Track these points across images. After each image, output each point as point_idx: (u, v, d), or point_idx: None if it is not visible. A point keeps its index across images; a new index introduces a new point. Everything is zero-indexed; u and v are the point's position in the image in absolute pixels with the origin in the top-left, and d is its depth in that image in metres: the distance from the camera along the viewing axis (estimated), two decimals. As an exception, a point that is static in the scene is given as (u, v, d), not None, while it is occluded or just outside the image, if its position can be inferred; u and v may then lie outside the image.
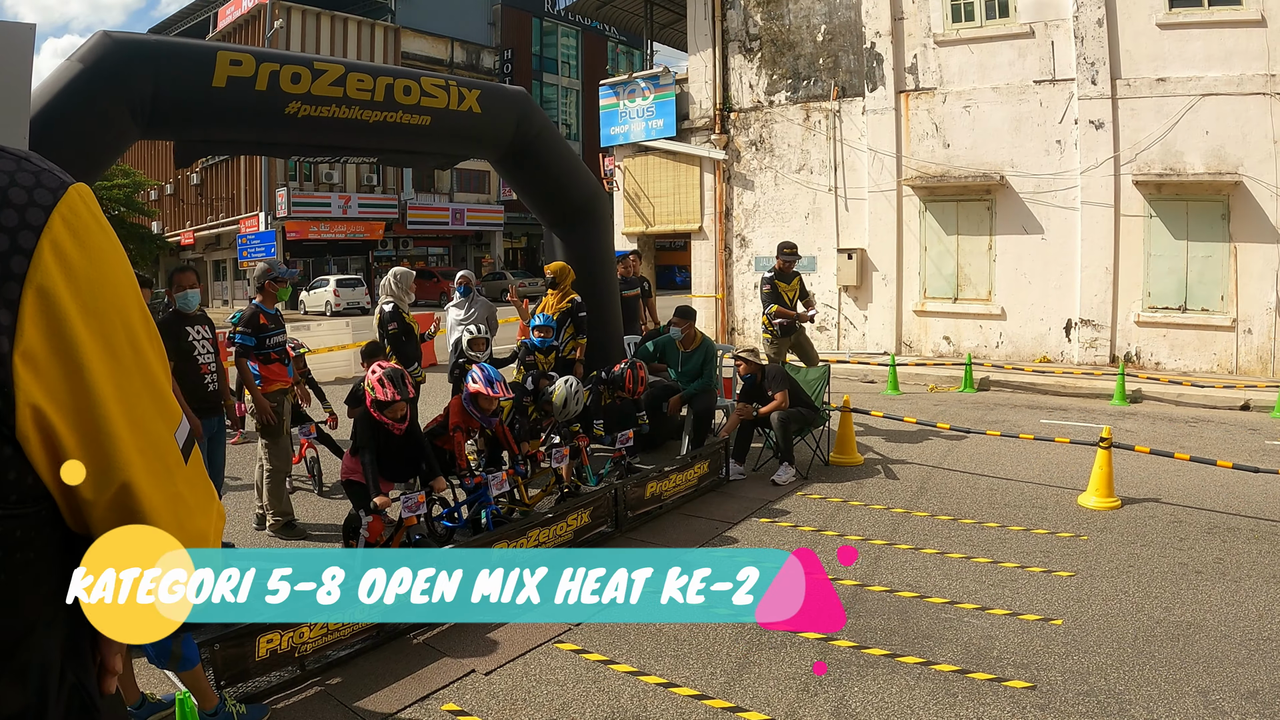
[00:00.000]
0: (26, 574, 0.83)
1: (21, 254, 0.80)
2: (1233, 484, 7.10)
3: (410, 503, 5.00)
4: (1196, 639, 4.38)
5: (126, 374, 0.87)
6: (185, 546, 0.91)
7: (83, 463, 0.84)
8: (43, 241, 0.81)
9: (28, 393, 0.80)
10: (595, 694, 3.96)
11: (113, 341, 0.86)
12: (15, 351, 0.79)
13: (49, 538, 0.86)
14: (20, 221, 0.80)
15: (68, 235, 0.83)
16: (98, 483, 0.85)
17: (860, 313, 15.46)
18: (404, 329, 7.48)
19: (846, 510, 6.72)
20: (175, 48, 5.99)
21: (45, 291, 0.80)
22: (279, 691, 4.02)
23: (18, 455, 0.81)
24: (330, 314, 30.27)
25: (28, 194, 0.82)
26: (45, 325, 0.80)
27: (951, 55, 14.26)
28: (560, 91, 47.46)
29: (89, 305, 0.84)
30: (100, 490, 0.86)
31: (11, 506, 0.81)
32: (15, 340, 0.79)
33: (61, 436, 0.82)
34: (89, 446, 0.84)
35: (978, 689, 3.89)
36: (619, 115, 18.27)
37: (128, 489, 0.87)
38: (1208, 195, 12.25)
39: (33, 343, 0.80)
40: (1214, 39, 12.04)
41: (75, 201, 0.85)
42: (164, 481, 0.91)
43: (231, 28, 36.88)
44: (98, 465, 0.85)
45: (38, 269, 0.80)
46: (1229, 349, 12.32)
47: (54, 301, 0.81)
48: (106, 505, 0.86)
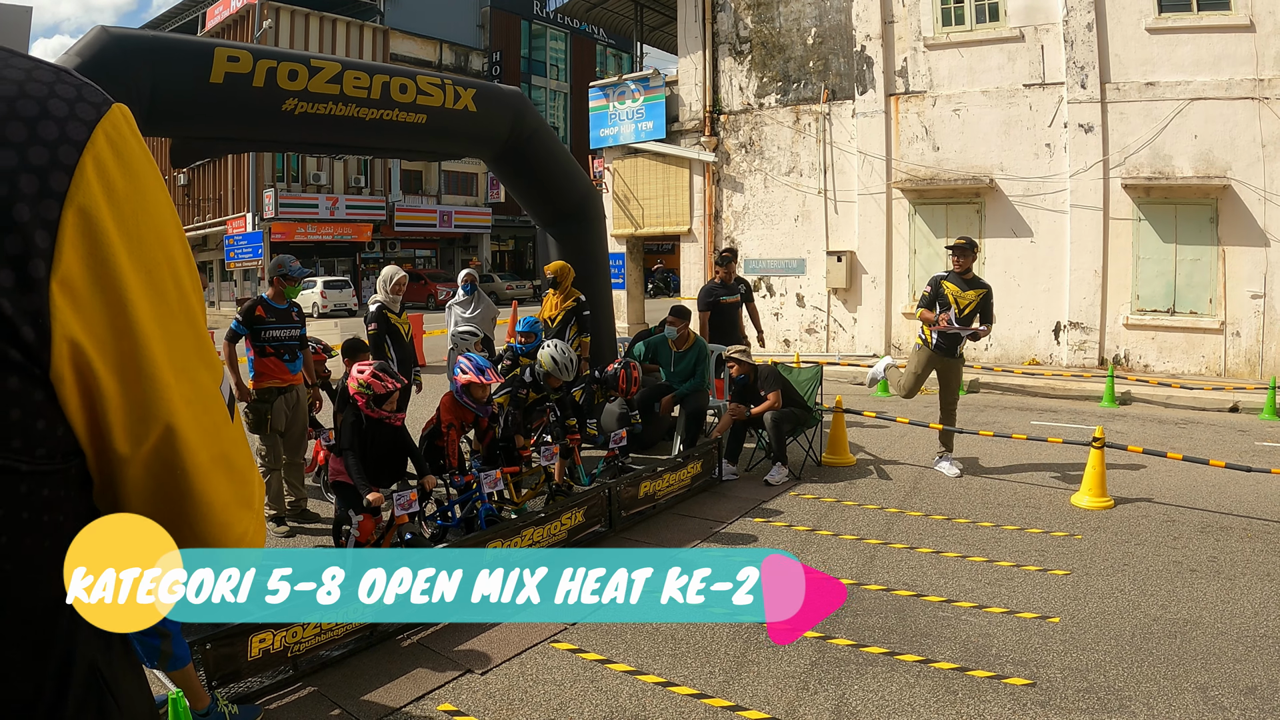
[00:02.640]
0: (55, 539, 0.73)
1: (61, 170, 0.70)
2: (1224, 484, 7.13)
3: (403, 500, 4.95)
4: (1193, 636, 4.38)
5: (170, 313, 0.78)
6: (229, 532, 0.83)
7: (121, 410, 0.74)
8: (85, 157, 0.72)
9: (66, 325, 0.70)
10: (593, 693, 3.92)
11: (156, 276, 0.76)
12: (53, 278, 0.69)
13: (79, 499, 0.76)
14: (60, 135, 0.71)
15: (112, 155, 0.74)
16: (136, 431, 0.75)
17: (849, 315, 15.48)
18: (387, 329, 7.24)
19: (840, 510, 6.70)
20: (173, 44, 5.94)
21: (87, 213, 0.71)
22: (272, 692, 3.96)
23: (49, 400, 0.71)
24: (317, 315, 30.09)
25: (69, 106, 0.73)
26: (86, 250, 0.71)
27: (941, 59, 14.30)
28: (548, 94, 47.39)
29: (132, 233, 0.74)
30: (139, 440, 0.76)
31: (39, 461, 0.71)
32: (53, 265, 0.69)
33: (100, 378, 0.73)
34: (129, 391, 0.74)
35: (978, 686, 3.87)
36: (609, 117, 18.25)
37: (171, 435, 0.77)
38: (1196, 199, 12.32)
39: (72, 269, 0.70)
40: (1203, 44, 12.12)
41: (119, 120, 0.76)
42: (211, 437, 0.81)
43: (219, 28, 36.66)
44: (137, 412, 0.75)
45: (79, 187, 0.71)
46: (1217, 351, 12.39)
47: (96, 225, 0.71)
48: (145, 459, 0.77)
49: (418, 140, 7.32)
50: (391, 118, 6.85)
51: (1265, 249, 11.89)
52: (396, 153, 8.07)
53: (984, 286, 7.46)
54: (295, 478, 6.61)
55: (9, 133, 0.69)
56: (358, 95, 6.55)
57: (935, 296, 7.43)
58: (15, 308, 0.67)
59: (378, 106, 6.72)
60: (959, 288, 7.37)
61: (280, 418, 6.28)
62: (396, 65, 8.89)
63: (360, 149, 7.48)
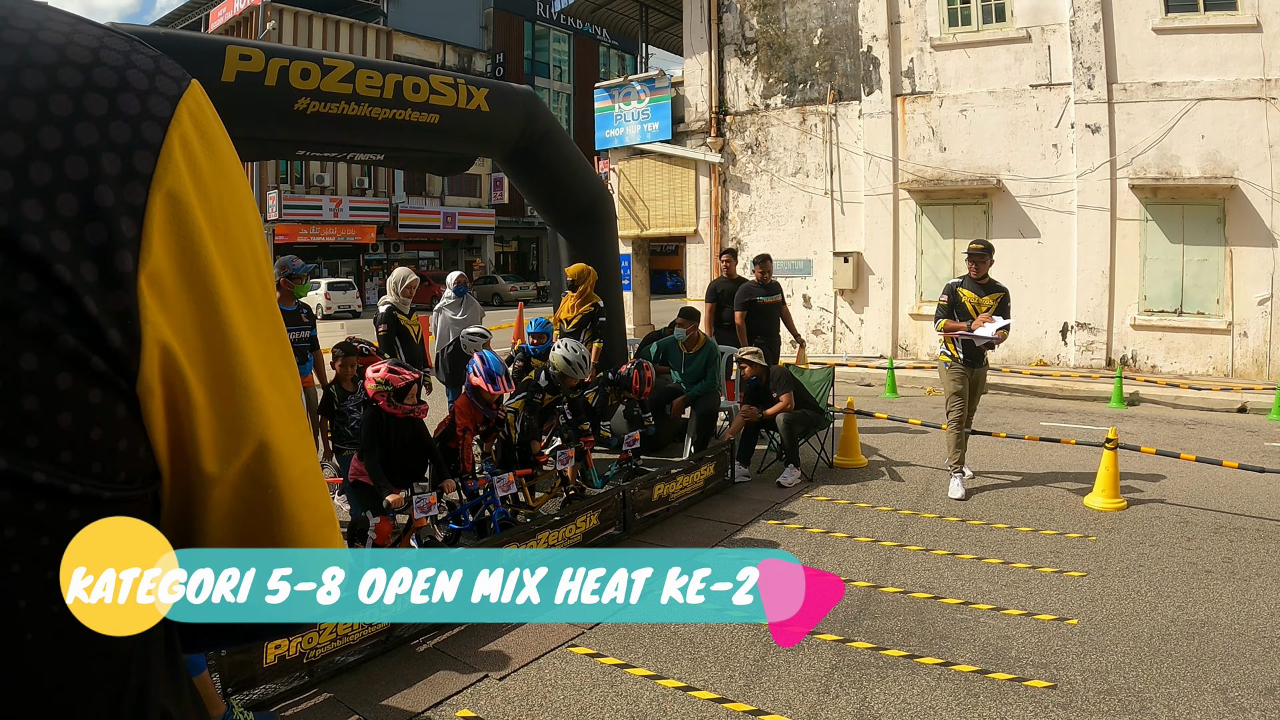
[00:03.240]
0: None
1: (146, 148, 0.61)
2: (1236, 484, 7.12)
3: (421, 503, 4.94)
4: (1211, 637, 4.38)
5: (258, 314, 0.69)
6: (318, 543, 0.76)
7: (211, 424, 0.66)
8: (171, 136, 0.63)
9: (157, 328, 0.61)
10: (613, 698, 3.91)
11: (243, 273, 0.68)
12: (141, 273, 0.60)
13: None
14: (143, 109, 0.62)
15: (197, 134, 0.66)
16: (227, 447, 0.67)
17: (856, 316, 15.47)
18: (397, 331, 7.28)
19: (854, 512, 6.69)
20: (183, 41, 5.92)
21: (176, 198, 0.63)
22: (288, 698, 3.95)
23: (132, 416, 0.62)
24: (321, 317, 30.11)
25: (148, 79, 0.64)
26: (176, 242, 0.62)
27: (948, 59, 14.29)
28: (551, 95, 47.36)
29: (219, 223, 0.66)
30: (229, 458, 0.67)
31: (119, 487, 0.62)
32: (140, 258, 0.60)
33: (191, 389, 0.64)
34: (221, 403, 0.66)
35: (999, 689, 3.87)
36: (614, 118, 18.25)
37: (265, 451, 0.69)
38: (1203, 199, 12.31)
39: (161, 263, 0.61)
40: (1209, 44, 12.11)
41: (201, 97, 0.68)
42: (302, 450, 0.73)
43: (223, 29, 36.68)
44: (229, 426, 0.67)
45: (167, 169, 0.62)
46: (1224, 352, 12.38)
47: (185, 212, 0.63)
48: (234, 479, 0.68)
49: (430, 141, 7.28)
50: (404, 117, 6.82)
51: (1272, 249, 11.87)
52: (409, 156, 8.02)
53: (1000, 289, 7.24)
54: None
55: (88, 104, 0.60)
56: (370, 94, 6.52)
57: (953, 306, 7.13)
58: (100, 308, 0.58)
59: (390, 106, 6.69)
60: (975, 294, 7.11)
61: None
62: (409, 64, 8.85)
63: (373, 149, 7.43)
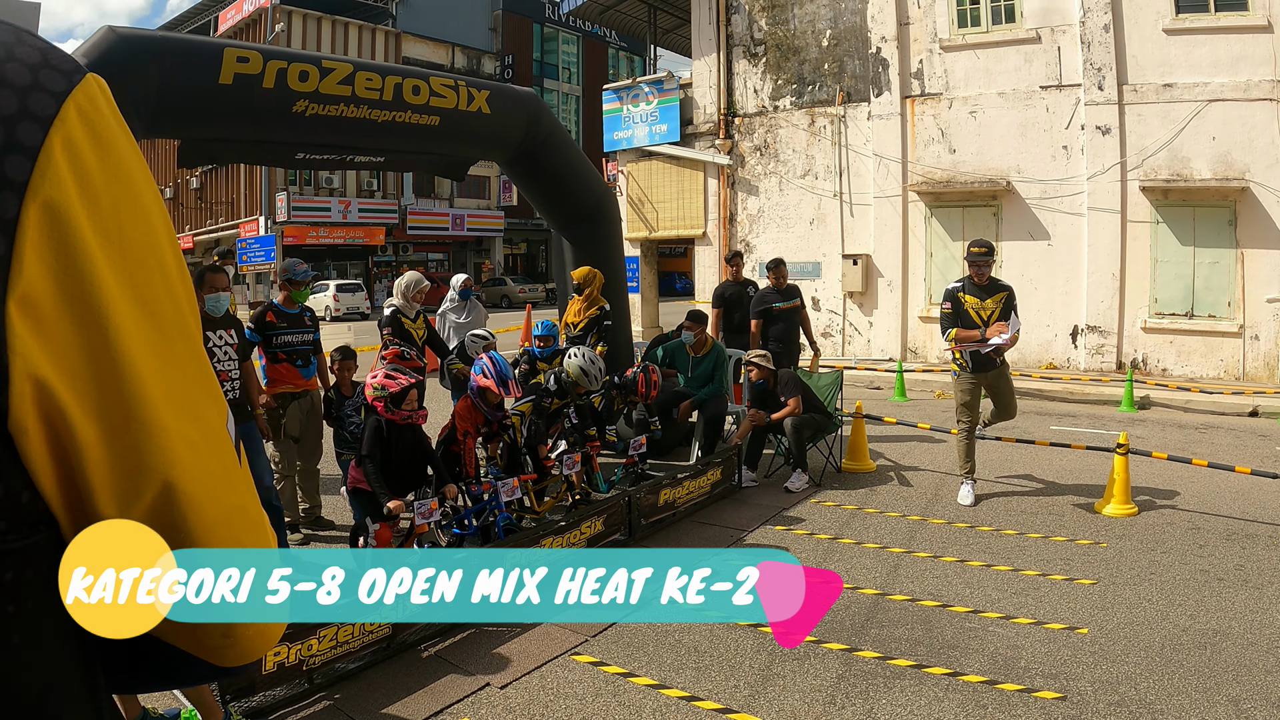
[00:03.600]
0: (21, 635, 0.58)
1: (21, 153, 0.54)
2: (1248, 490, 7.03)
3: (423, 509, 4.90)
4: (1223, 647, 4.30)
5: (165, 336, 0.62)
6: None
7: (105, 465, 0.59)
8: (52, 138, 0.56)
9: (28, 360, 0.54)
10: (616, 708, 3.86)
11: (145, 290, 0.61)
12: (10, 297, 0.53)
13: (51, 578, 0.59)
14: (20, 108, 0.55)
15: (86, 136, 0.58)
16: (125, 489, 0.60)
17: (865, 319, 15.39)
18: (400, 334, 7.20)
19: (862, 517, 6.63)
20: (181, 44, 5.89)
21: (56, 209, 0.55)
22: (287, 706, 3.91)
23: (8, 458, 0.55)
24: (330, 319, 30.13)
25: (31, 74, 0.57)
26: (55, 259, 0.55)
27: (958, 61, 14.22)
28: (560, 97, 47.38)
29: (113, 236, 0.59)
30: (129, 501, 0.60)
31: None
32: (10, 280, 0.53)
33: (75, 427, 0.57)
34: (115, 441, 0.59)
35: (1008, 700, 3.80)
36: (622, 120, 18.21)
37: (171, 494, 0.61)
38: (1215, 201, 12.20)
39: (36, 283, 0.54)
40: (1221, 45, 12.01)
41: (95, 92, 0.60)
42: (222, 489, 0.65)
43: (232, 31, 36.80)
44: (125, 466, 0.59)
45: (45, 177, 0.55)
46: (1236, 355, 12.26)
47: (68, 225, 0.56)
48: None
49: (431, 143, 7.25)
50: (404, 120, 6.78)
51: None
52: (409, 159, 7.97)
53: (1004, 289, 6.87)
54: (310, 484, 6.60)
55: None
56: (370, 97, 6.48)
57: (957, 314, 6.79)
58: None
59: (390, 108, 6.65)
60: (978, 298, 6.76)
61: (294, 423, 6.30)
62: (409, 66, 8.81)
63: (372, 152, 7.38)
